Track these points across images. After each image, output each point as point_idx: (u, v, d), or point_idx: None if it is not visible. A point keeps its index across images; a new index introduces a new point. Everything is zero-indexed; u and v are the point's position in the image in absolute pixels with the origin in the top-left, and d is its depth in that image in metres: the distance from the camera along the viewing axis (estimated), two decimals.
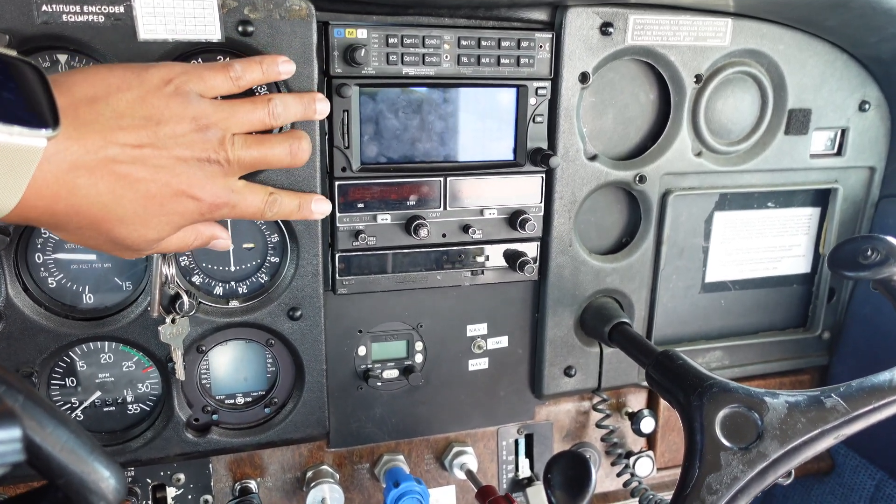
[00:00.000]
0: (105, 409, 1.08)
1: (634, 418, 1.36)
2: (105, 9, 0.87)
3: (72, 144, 0.68)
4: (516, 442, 1.36)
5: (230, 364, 1.13)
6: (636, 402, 1.43)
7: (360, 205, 1.08)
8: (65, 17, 0.86)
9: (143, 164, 0.74)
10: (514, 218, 1.15)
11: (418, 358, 1.23)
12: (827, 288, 1.44)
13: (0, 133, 0.59)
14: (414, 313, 1.20)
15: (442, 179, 1.11)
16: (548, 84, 1.11)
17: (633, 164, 1.22)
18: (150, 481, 1.15)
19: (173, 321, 0.99)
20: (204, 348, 1.07)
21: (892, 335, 1.39)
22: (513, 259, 1.17)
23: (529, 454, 1.37)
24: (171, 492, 1.16)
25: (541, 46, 1.09)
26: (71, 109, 0.69)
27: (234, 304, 1.07)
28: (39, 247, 0.98)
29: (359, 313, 1.17)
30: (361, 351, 1.19)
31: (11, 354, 0.96)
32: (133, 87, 0.74)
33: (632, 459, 1.38)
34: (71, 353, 1.04)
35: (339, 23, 0.99)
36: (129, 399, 1.09)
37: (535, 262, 1.19)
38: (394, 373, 1.22)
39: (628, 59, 1.17)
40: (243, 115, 0.82)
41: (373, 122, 1.05)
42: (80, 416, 1.06)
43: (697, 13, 1.15)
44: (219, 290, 1.07)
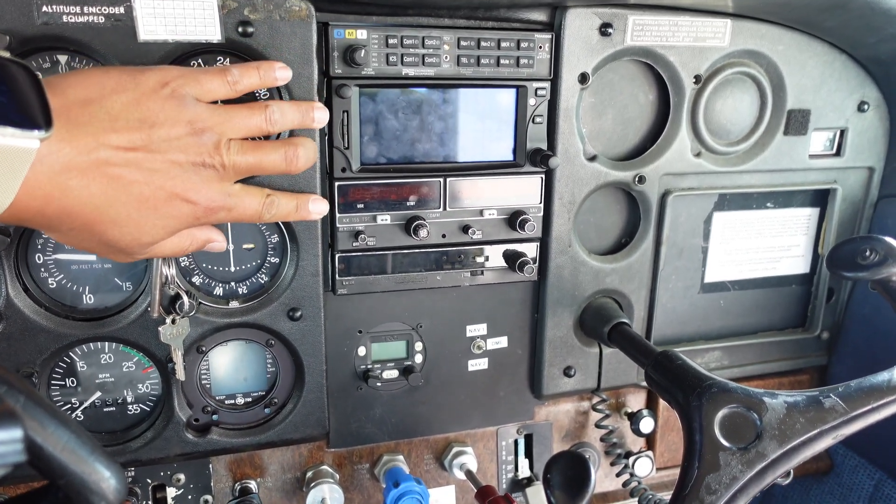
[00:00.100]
0: (105, 410, 1.08)
1: (634, 418, 1.37)
2: (105, 9, 0.87)
3: (64, 146, 0.68)
4: (516, 442, 1.36)
5: (230, 364, 1.13)
6: (635, 402, 1.44)
7: (360, 205, 1.08)
8: (65, 18, 0.86)
9: (137, 167, 0.73)
10: (514, 218, 1.15)
11: (418, 358, 1.23)
12: (826, 288, 1.44)
13: None
14: (414, 314, 1.21)
15: (442, 180, 1.11)
16: (547, 85, 1.11)
17: (633, 165, 1.22)
18: (150, 481, 1.15)
19: (173, 322, 0.99)
20: (204, 349, 1.07)
21: (890, 335, 1.39)
22: (512, 259, 1.17)
23: (529, 454, 1.38)
24: (172, 492, 1.16)
25: (540, 47, 1.09)
26: (64, 111, 0.69)
27: (234, 304, 1.07)
28: (40, 247, 0.98)
29: (358, 314, 1.17)
30: (361, 351, 1.20)
31: (12, 355, 0.96)
32: (128, 90, 0.74)
33: (631, 459, 1.38)
34: (71, 353, 1.04)
35: (338, 23, 0.99)
36: (129, 399, 1.09)
37: (534, 263, 1.19)
38: (393, 373, 1.22)
39: (627, 59, 1.17)
40: (239, 120, 0.81)
41: (372, 122, 1.05)
42: (80, 417, 1.06)
43: (697, 14, 1.15)
44: (219, 291, 1.07)
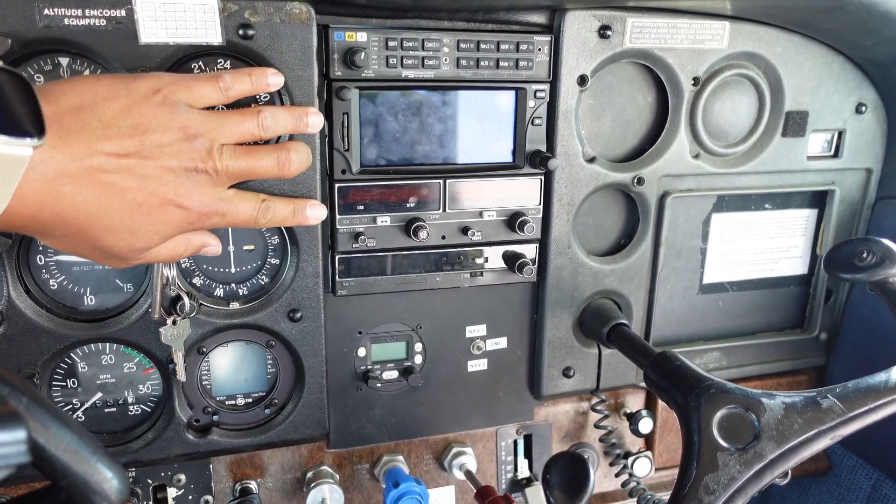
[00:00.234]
0: (106, 410, 1.09)
1: (633, 419, 1.37)
2: (106, 12, 0.87)
3: (57, 153, 0.68)
4: (515, 442, 1.37)
5: (231, 365, 1.14)
6: (634, 402, 1.44)
7: (360, 207, 1.08)
8: (66, 21, 0.86)
9: (129, 173, 0.74)
10: (513, 220, 1.16)
11: (418, 359, 1.24)
12: (824, 289, 1.45)
13: None
14: (413, 315, 1.21)
15: (441, 181, 1.11)
16: (546, 87, 1.12)
17: (632, 166, 1.22)
18: (150, 482, 1.15)
19: (174, 323, 0.99)
20: (205, 349, 1.08)
21: (888, 336, 1.39)
22: (512, 261, 1.18)
23: (528, 454, 1.38)
24: (172, 492, 1.16)
25: (539, 49, 1.09)
26: (57, 118, 0.69)
27: (235, 305, 1.07)
28: (41, 249, 0.99)
29: (358, 315, 1.18)
30: (361, 352, 1.20)
31: (13, 356, 0.97)
32: (120, 97, 0.74)
33: (630, 460, 1.39)
34: (72, 354, 1.04)
35: (338, 26, 1.00)
36: (130, 400, 1.09)
37: (533, 264, 1.20)
38: (393, 374, 1.23)
39: (626, 61, 1.17)
40: (232, 125, 0.82)
41: (372, 124, 1.06)
42: (81, 417, 1.07)
43: (695, 16, 1.15)
44: (219, 292, 1.07)
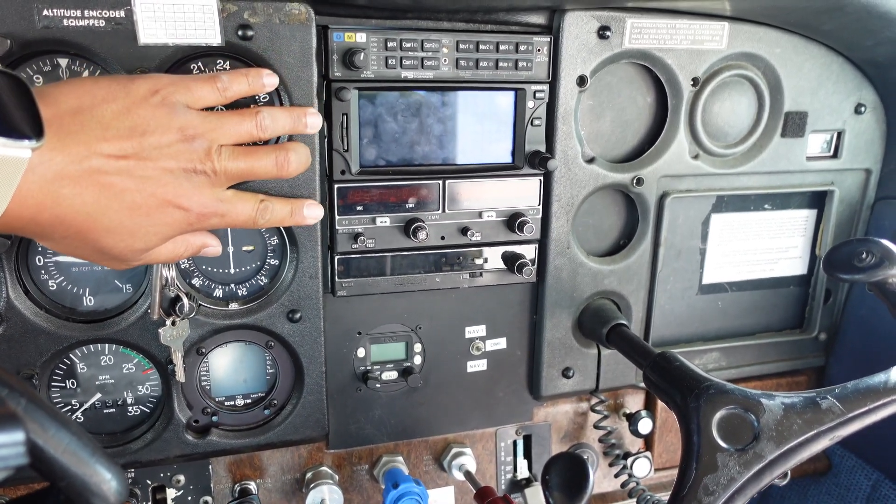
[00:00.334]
0: (105, 411, 1.09)
1: (632, 419, 1.37)
2: (105, 13, 0.87)
3: (56, 155, 0.68)
4: (515, 443, 1.37)
5: (230, 366, 1.14)
6: (634, 403, 1.44)
7: (360, 207, 1.08)
8: (65, 22, 0.86)
9: (128, 175, 0.74)
10: (513, 220, 1.16)
11: (417, 359, 1.23)
12: (823, 289, 1.45)
13: None
14: (413, 315, 1.21)
15: (441, 182, 1.11)
16: (546, 87, 1.12)
17: (631, 167, 1.22)
18: (150, 482, 1.15)
19: (173, 323, 0.99)
20: (204, 350, 1.08)
21: (888, 337, 1.39)
22: (511, 261, 1.18)
23: (528, 455, 1.38)
24: (171, 493, 1.16)
25: (539, 50, 1.09)
26: (55, 120, 0.69)
27: (234, 306, 1.07)
28: (40, 250, 0.99)
29: (358, 315, 1.18)
30: (360, 353, 1.20)
31: (12, 357, 0.97)
32: (119, 99, 0.74)
33: (629, 460, 1.39)
34: (71, 355, 1.04)
35: (338, 27, 1.00)
36: (129, 401, 1.09)
37: (533, 265, 1.20)
38: (393, 374, 1.23)
39: (626, 62, 1.17)
40: (230, 126, 0.82)
41: (372, 125, 1.06)
42: (80, 418, 1.07)
43: (694, 17, 1.15)
44: (219, 293, 1.07)
